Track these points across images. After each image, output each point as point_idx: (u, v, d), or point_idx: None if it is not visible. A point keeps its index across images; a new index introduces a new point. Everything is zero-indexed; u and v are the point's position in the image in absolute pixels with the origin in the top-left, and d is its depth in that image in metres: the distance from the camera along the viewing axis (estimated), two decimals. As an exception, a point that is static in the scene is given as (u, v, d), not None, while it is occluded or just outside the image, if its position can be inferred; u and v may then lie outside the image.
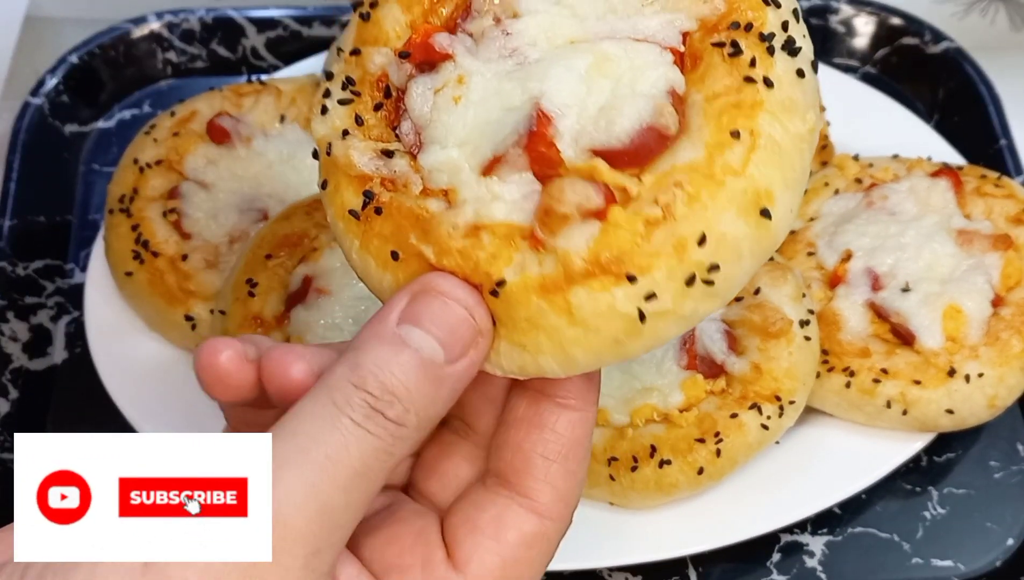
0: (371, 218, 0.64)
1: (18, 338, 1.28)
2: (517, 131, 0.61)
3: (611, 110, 0.61)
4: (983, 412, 1.15)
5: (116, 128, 1.49)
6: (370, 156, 0.66)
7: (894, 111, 1.43)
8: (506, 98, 0.63)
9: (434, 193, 0.63)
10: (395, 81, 0.66)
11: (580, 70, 0.62)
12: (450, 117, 0.64)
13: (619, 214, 0.58)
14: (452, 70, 0.65)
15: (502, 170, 0.62)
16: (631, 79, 0.62)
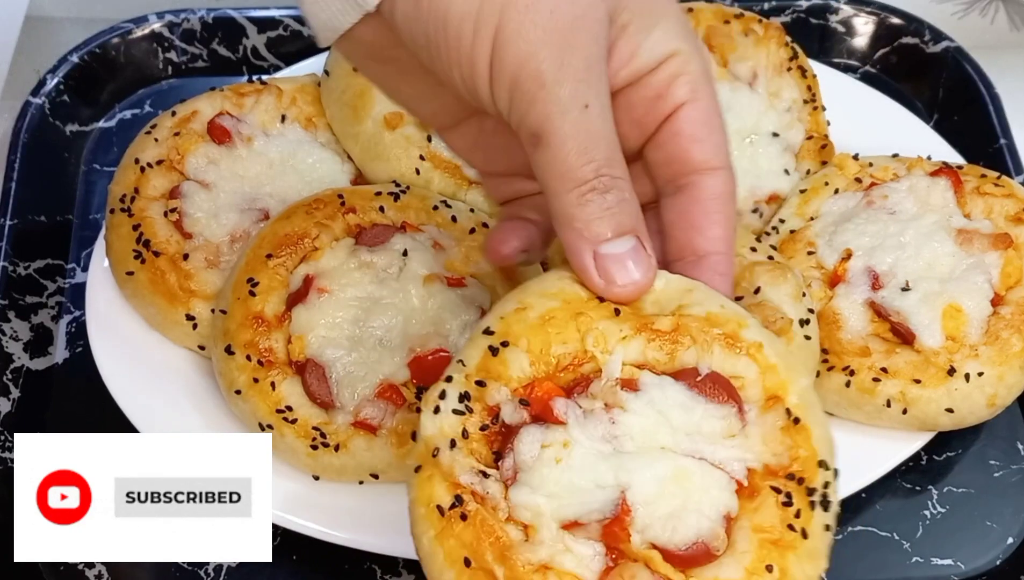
0: (453, 519, 0.75)
1: (19, 337, 1.28)
2: (603, 511, 0.75)
3: (677, 518, 0.76)
4: (983, 411, 1.15)
5: (117, 128, 1.49)
6: (468, 470, 0.77)
7: (894, 110, 1.43)
8: (598, 476, 0.76)
9: (515, 522, 0.76)
10: (506, 418, 0.78)
11: (663, 476, 0.76)
12: (549, 471, 0.76)
13: None
14: (561, 433, 0.77)
15: (578, 531, 0.76)
16: (699, 497, 0.76)
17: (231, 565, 1.13)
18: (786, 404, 0.78)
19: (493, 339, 0.79)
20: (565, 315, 0.79)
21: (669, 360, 0.80)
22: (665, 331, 0.79)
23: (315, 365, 1.12)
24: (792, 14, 1.57)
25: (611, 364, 0.79)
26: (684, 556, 0.75)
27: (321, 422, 1.11)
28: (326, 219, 1.19)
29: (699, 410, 0.78)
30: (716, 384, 0.79)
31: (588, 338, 0.79)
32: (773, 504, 0.76)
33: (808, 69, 1.35)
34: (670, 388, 0.79)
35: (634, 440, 0.77)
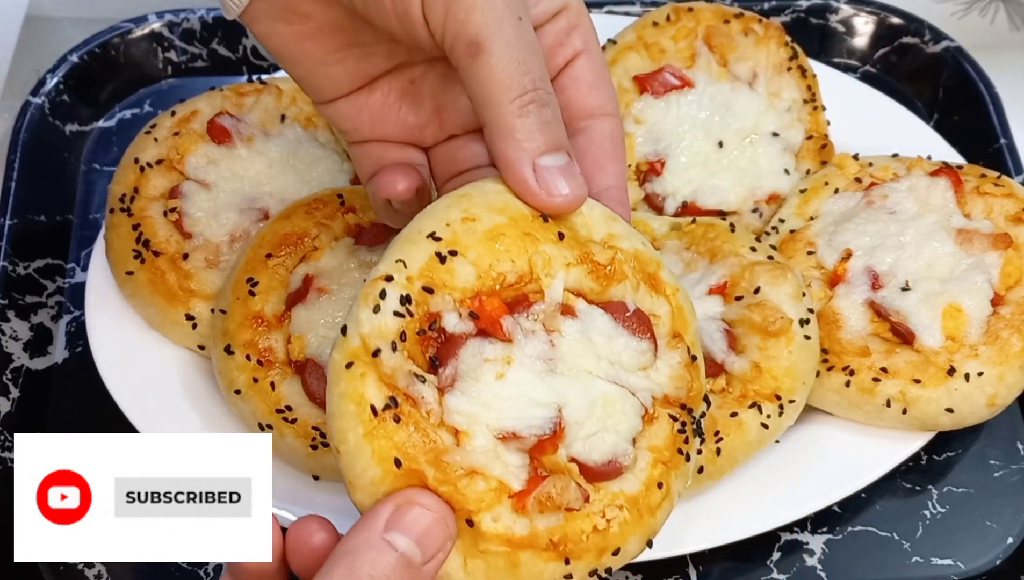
0: (386, 420, 0.76)
1: (19, 337, 1.28)
2: (542, 427, 0.80)
3: (597, 438, 0.83)
4: (983, 411, 1.15)
5: (116, 127, 1.49)
6: (404, 373, 0.77)
7: (894, 110, 1.43)
8: (536, 394, 0.80)
9: (447, 427, 0.78)
10: (448, 326, 0.79)
11: (592, 399, 0.82)
12: (488, 385, 0.79)
13: (581, 515, 0.81)
14: (504, 349, 0.80)
15: (511, 443, 0.80)
16: (616, 420, 0.84)
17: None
18: (685, 342, 0.88)
19: (440, 246, 0.80)
20: (514, 233, 0.81)
21: (601, 291, 0.85)
22: (602, 264, 0.84)
23: (315, 365, 1.12)
24: (792, 14, 1.57)
25: (554, 288, 0.82)
26: (598, 471, 0.82)
27: (321, 422, 1.11)
28: (326, 219, 1.19)
29: (621, 341, 0.85)
30: (640, 321, 0.86)
31: (536, 259, 0.81)
32: (668, 430, 0.86)
33: (808, 69, 1.35)
34: (599, 318, 0.84)
35: (566, 363, 0.82)
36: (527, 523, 0.79)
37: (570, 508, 0.80)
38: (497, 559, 0.79)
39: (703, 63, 1.31)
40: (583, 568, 0.81)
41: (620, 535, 0.82)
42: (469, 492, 0.77)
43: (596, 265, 0.84)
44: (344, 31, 0.87)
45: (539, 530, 0.79)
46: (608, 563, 0.83)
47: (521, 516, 0.79)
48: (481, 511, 0.77)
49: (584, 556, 0.81)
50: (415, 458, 0.76)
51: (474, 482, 0.77)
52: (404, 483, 0.76)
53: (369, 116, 0.92)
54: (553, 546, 0.79)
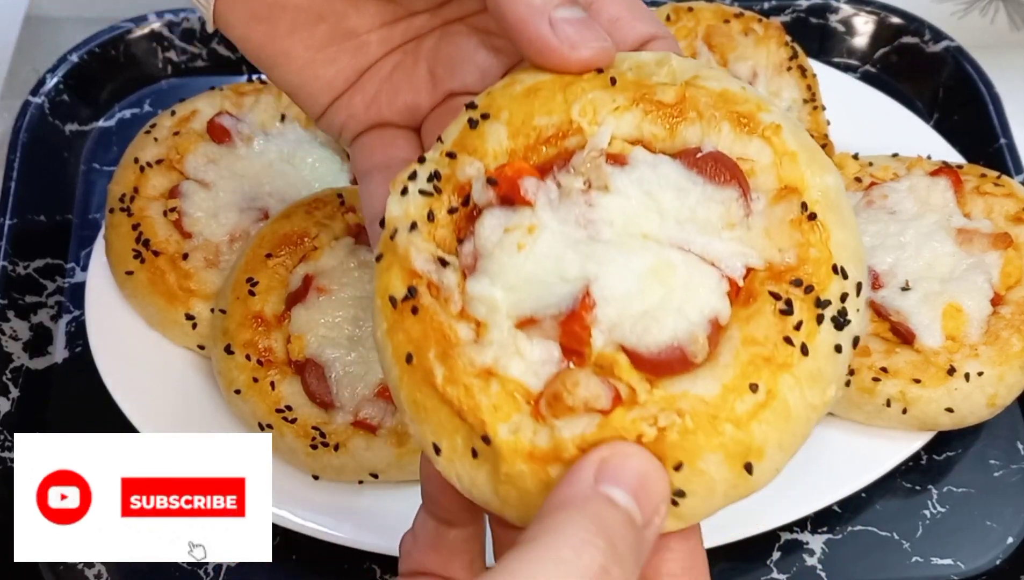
0: (405, 312, 0.65)
1: (19, 337, 1.28)
2: (560, 305, 0.63)
3: (651, 318, 0.63)
4: (983, 411, 1.15)
5: (116, 127, 1.49)
6: (426, 257, 0.66)
7: (894, 110, 1.43)
8: (564, 266, 0.64)
9: (468, 319, 0.65)
10: (476, 198, 0.67)
11: (640, 270, 0.64)
12: (509, 260, 0.65)
13: (620, 419, 0.61)
14: (527, 217, 0.66)
15: (534, 331, 0.64)
16: (682, 296, 0.63)
17: (231, 565, 1.13)
18: (803, 197, 0.65)
19: (474, 112, 0.70)
20: (554, 86, 0.69)
21: (668, 136, 0.68)
22: (667, 104, 0.68)
23: (314, 365, 1.12)
24: (792, 13, 1.57)
25: (599, 135, 0.68)
26: (654, 361, 0.62)
27: (320, 422, 1.11)
28: (326, 218, 1.19)
29: (695, 193, 0.66)
30: (719, 163, 0.66)
31: (575, 107, 0.68)
32: (770, 312, 0.62)
33: (808, 69, 1.35)
34: (665, 166, 0.67)
35: (613, 226, 0.65)
36: (549, 433, 0.61)
37: (601, 410, 0.61)
38: (525, 481, 0.62)
39: (703, 63, 1.31)
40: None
41: (681, 447, 0.60)
42: (482, 398, 0.62)
43: (659, 105, 0.68)
44: (325, 20, 0.79)
45: (564, 439, 0.61)
46: (671, 482, 0.61)
47: (542, 425, 0.62)
48: (497, 421, 0.62)
49: None
50: (425, 355, 0.64)
51: (488, 385, 0.63)
52: (416, 385, 0.64)
53: (363, 100, 0.83)
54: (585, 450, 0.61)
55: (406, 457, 1.09)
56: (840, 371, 0.64)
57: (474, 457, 0.63)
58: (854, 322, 0.64)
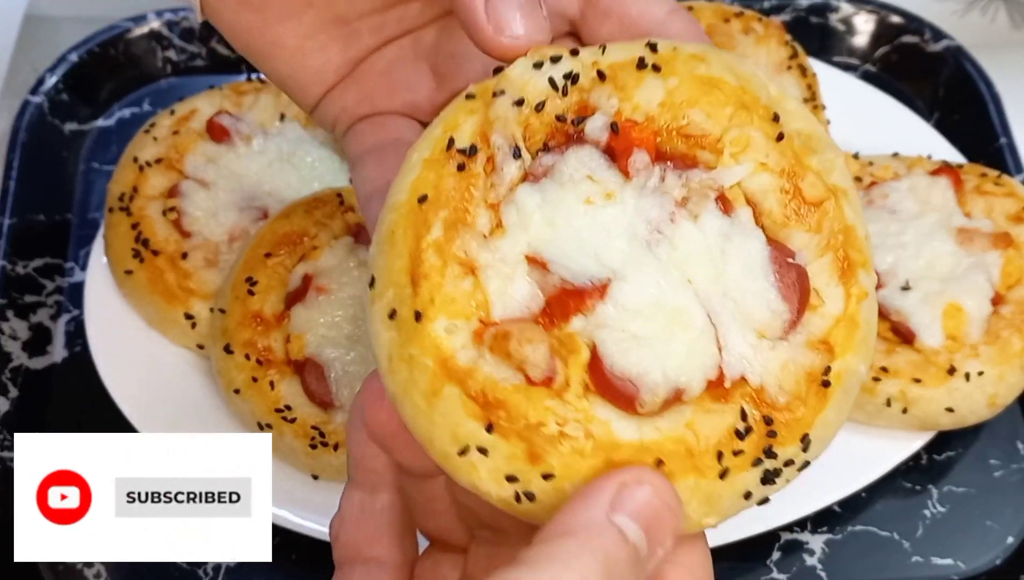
0: (451, 160, 0.63)
1: (18, 337, 1.28)
2: (576, 276, 0.61)
3: (637, 345, 0.61)
4: (983, 410, 1.15)
5: (116, 126, 1.49)
6: (509, 135, 0.64)
7: (894, 109, 1.43)
8: (607, 248, 0.62)
9: (495, 214, 0.62)
10: (588, 128, 0.64)
11: (663, 302, 0.62)
12: (571, 202, 0.63)
13: (536, 397, 0.60)
14: (615, 183, 0.64)
15: (535, 273, 0.62)
16: (674, 351, 0.62)
17: (230, 565, 1.13)
18: (830, 362, 0.64)
19: (648, 56, 0.65)
20: (732, 96, 0.65)
21: (778, 221, 0.65)
22: (806, 198, 0.65)
23: (314, 364, 1.12)
24: (792, 12, 1.57)
25: (731, 172, 0.65)
26: (608, 380, 0.61)
27: (320, 421, 1.11)
28: (325, 218, 1.19)
29: (758, 285, 0.64)
30: (797, 281, 0.64)
31: (733, 132, 0.65)
32: (728, 424, 0.62)
33: (808, 68, 1.35)
34: (754, 243, 0.64)
35: (673, 251, 0.63)
36: (474, 358, 0.60)
37: (528, 377, 0.60)
38: (420, 375, 0.60)
39: (703, 62, 1.31)
40: (502, 456, 0.59)
41: (565, 463, 0.59)
42: (449, 285, 0.60)
43: (798, 193, 0.65)
44: (313, 6, 0.76)
45: (480, 373, 0.59)
46: (534, 479, 0.60)
47: (475, 348, 0.60)
48: (441, 312, 0.60)
49: (508, 439, 0.59)
50: (436, 209, 0.61)
51: (462, 279, 0.61)
52: (407, 223, 0.62)
53: (357, 94, 0.81)
54: (483, 403, 0.59)
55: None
56: (732, 512, 0.64)
57: (390, 318, 0.61)
58: (774, 487, 0.64)
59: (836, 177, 0.66)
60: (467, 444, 0.59)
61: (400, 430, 0.64)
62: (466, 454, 0.59)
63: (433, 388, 0.59)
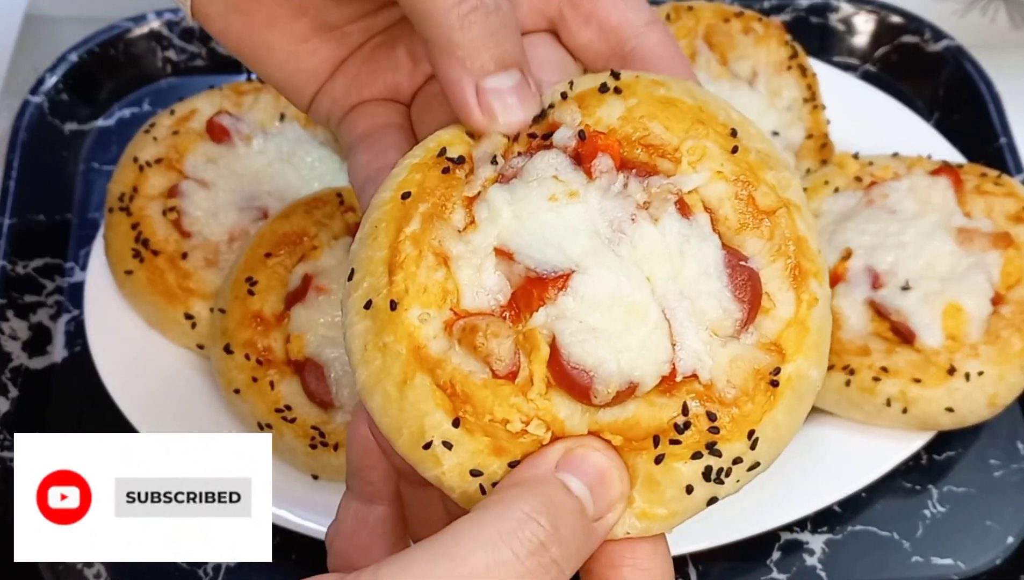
0: (439, 165, 0.68)
1: (18, 337, 1.28)
2: (539, 266, 0.65)
3: (593, 337, 0.64)
4: (983, 410, 1.15)
5: (116, 126, 1.49)
6: (491, 147, 0.69)
7: (894, 109, 1.43)
8: (570, 242, 0.65)
9: (468, 211, 0.67)
10: (556, 137, 0.69)
11: (621, 295, 0.65)
12: (537, 199, 0.66)
13: (503, 392, 0.63)
14: (579, 184, 0.67)
15: (502, 264, 0.66)
16: (629, 345, 0.64)
17: (230, 565, 1.13)
18: (781, 364, 0.66)
19: (611, 82, 0.70)
20: (688, 112, 0.70)
21: (733, 227, 0.69)
22: (759, 207, 0.69)
23: (314, 364, 1.12)
24: (792, 12, 1.57)
25: (689, 179, 0.68)
26: (564, 372, 0.64)
27: (320, 421, 1.11)
28: (325, 218, 1.19)
29: (713, 286, 0.66)
30: (750, 284, 0.67)
31: (689, 142, 0.69)
32: (668, 417, 0.64)
33: (808, 68, 1.35)
34: (710, 246, 0.67)
35: (633, 249, 0.66)
36: (445, 348, 0.63)
37: (496, 370, 0.63)
38: (392, 362, 0.63)
39: (703, 62, 1.31)
40: (467, 451, 0.63)
41: (528, 451, 0.63)
42: (423, 276, 0.64)
43: (752, 201, 0.68)
44: (306, 14, 0.78)
45: (450, 364, 0.63)
46: (500, 470, 0.63)
47: (446, 338, 0.64)
48: (415, 301, 0.63)
49: (474, 434, 0.62)
50: (416, 205, 0.66)
51: (435, 269, 0.64)
52: (390, 217, 0.66)
53: (344, 83, 0.82)
54: (450, 394, 0.62)
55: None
56: (679, 507, 0.65)
57: (366, 308, 0.64)
58: (724, 488, 0.65)
59: (791, 193, 0.69)
60: (432, 438, 0.62)
61: None
62: (430, 447, 0.62)
63: (405, 376, 0.63)
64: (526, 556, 0.56)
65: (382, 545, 0.71)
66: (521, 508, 0.57)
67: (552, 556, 0.57)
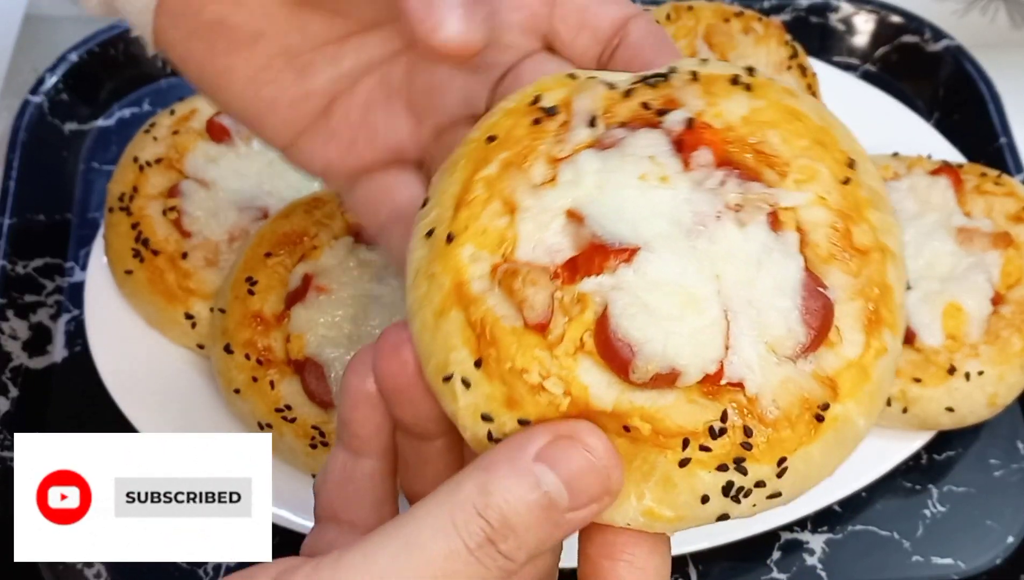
0: (530, 115, 0.66)
1: (18, 336, 1.28)
2: (607, 236, 0.62)
3: (646, 316, 0.61)
4: (983, 410, 1.15)
5: (116, 126, 1.49)
6: (593, 106, 0.66)
7: (894, 109, 1.43)
8: (645, 221, 0.62)
9: (553, 168, 0.64)
10: (667, 120, 0.66)
11: (683, 282, 0.62)
12: (626, 174, 0.64)
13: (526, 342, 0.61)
14: (674, 170, 0.64)
15: (571, 226, 0.63)
16: (680, 331, 0.62)
17: (230, 565, 1.13)
18: (832, 401, 0.63)
19: (744, 76, 0.68)
20: (813, 128, 0.67)
21: (821, 255, 0.64)
22: (853, 246, 0.65)
23: (314, 364, 1.12)
24: (792, 12, 1.57)
25: (790, 196, 0.65)
26: (606, 341, 0.61)
27: (320, 421, 1.11)
28: (325, 217, 1.19)
29: (784, 304, 0.63)
30: (822, 313, 0.63)
31: (802, 159, 0.66)
32: (704, 420, 0.61)
33: (808, 68, 1.35)
34: (792, 265, 0.64)
35: (710, 244, 0.63)
36: (485, 290, 0.62)
37: (527, 318, 0.62)
38: (435, 292, 0.63)
39: (703, 62, 1.31)
40: (482, 394, 0.62)
41: (541, 414, 0.61)
42: (486, 219, 0.63)
43: (848, 235, 0.64)
44: (264, 36, 0.75)
45: (485, 304, 0.62)
46: (508, 423, 0.61)
47: (490, 281, 0.62)
48: (472, 239, 0.63)
49: (492, 379, 0.61)
50: (498, 151, 0.65)
51: (499, 216, 0.63)
52: (470, 156, 0.65)
53: (337, 147, 0.78)
54: (479, 334, 0.61)
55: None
56: (687, 513, 0.62)
57: (427, 236, 0.64)
58: (739, 508, 0.63)
59: (890, 240, 0.66)
60: (454, 372, 0.61)
61: (409, 384, 0.64)
62: (450, 381, 0.62)
63: (443, 307, 0.62)
64: (475, 547, 0.57)
65: (369, 500, 0.70)
66: (472, 499, 0.57)
67: (504, 549, 0.57)
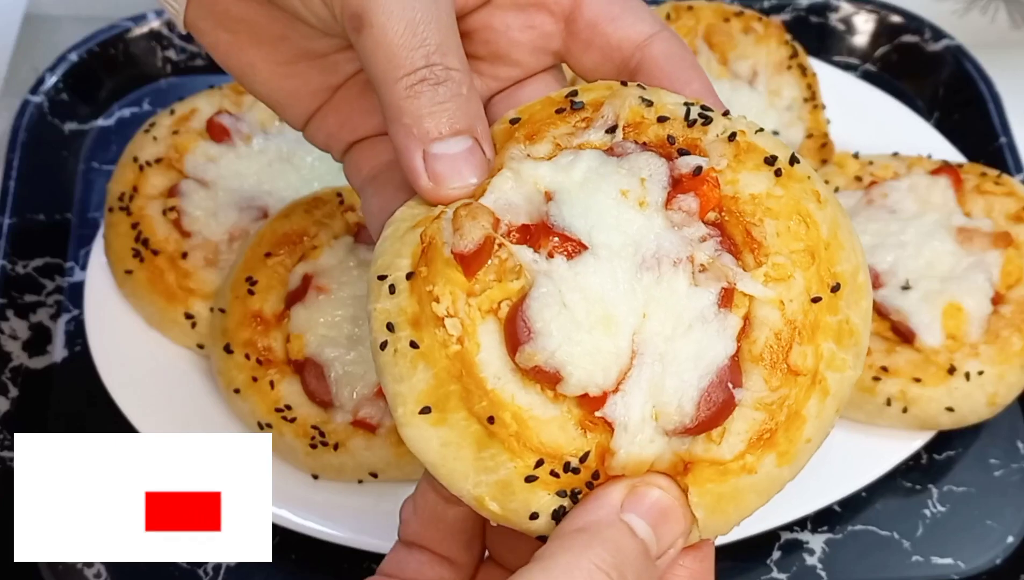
0: (555, 105, 0.72)
1: (18, 336, 1.28)
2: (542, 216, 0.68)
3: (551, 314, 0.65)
4: (983, 410, 1.15)
5: (116, 126, 1.49)
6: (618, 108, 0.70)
7: (894, 109, 1.43)
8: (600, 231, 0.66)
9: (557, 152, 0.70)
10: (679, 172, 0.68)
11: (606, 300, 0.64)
12: (608, 184, 0.67)
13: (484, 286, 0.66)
14: (655, 200, 0.67)
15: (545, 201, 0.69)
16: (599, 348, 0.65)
17: (230, 565, 1.13)
18: (684, 485, 0.64)
19: (782, 160, 0.69)
20: (815, 240, 0.67)
21: (752, 357, 0.66)
22: (789, 365, 0.66)
23: (314, 364, 1.12)
24: (792, 12, 1.57)
25: (753, 284, 0.66)
26: (513, 317, 0.65)
27: (320, 421, 1.11)
28: (325, 217, 1.19)
29: (689, 377, 0.65)
30: (720, 409, 0.65)
31: (781, 258, 0.66)
32: (570, 451, 0.65)
33: (808, 67, 1.35)
34: (719, 346, 0.65)
35: (654, 286, 0.65)
36: (448, 220, 0.67)
37: (454, 245, 0.65)
38: (411, 218, 0.69)
39: (703, 62, 1.31)
40: (397, 303, 0.65)
41: (430, 346, 0.64)
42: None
43: (788, 351, 0.65)
44: (288, 39, 0.78)
45: (439, 230, 0.66)
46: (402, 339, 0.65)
47: (452, 224, 0.67)
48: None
49: (412, 293, 0.65)
50: (519, 130, 0.70)
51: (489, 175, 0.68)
52: (501, 135, 0.71)
53: (336, 118, 0.82)
54: (424, 249, 0.66)
55: (405, 456, 1.09)
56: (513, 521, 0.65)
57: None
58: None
59: (833, 380, 0.66)
60: (389, 274, 0.66)
61: None
62: (383, 281, 0.66)
63: (416, 225, 0.68)
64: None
65: (461, 540, 0.73)
66: (590, 559, 0.59)
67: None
